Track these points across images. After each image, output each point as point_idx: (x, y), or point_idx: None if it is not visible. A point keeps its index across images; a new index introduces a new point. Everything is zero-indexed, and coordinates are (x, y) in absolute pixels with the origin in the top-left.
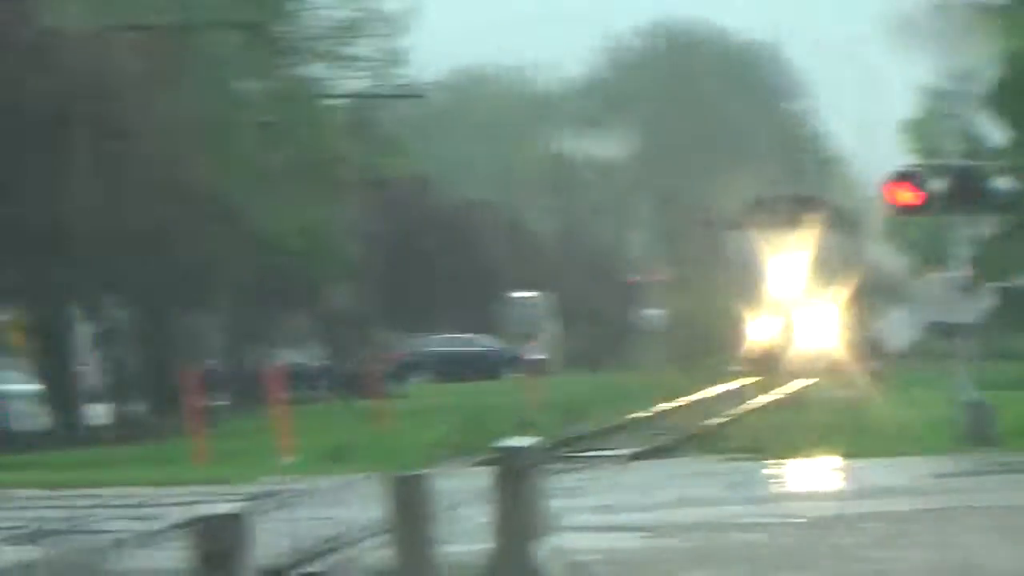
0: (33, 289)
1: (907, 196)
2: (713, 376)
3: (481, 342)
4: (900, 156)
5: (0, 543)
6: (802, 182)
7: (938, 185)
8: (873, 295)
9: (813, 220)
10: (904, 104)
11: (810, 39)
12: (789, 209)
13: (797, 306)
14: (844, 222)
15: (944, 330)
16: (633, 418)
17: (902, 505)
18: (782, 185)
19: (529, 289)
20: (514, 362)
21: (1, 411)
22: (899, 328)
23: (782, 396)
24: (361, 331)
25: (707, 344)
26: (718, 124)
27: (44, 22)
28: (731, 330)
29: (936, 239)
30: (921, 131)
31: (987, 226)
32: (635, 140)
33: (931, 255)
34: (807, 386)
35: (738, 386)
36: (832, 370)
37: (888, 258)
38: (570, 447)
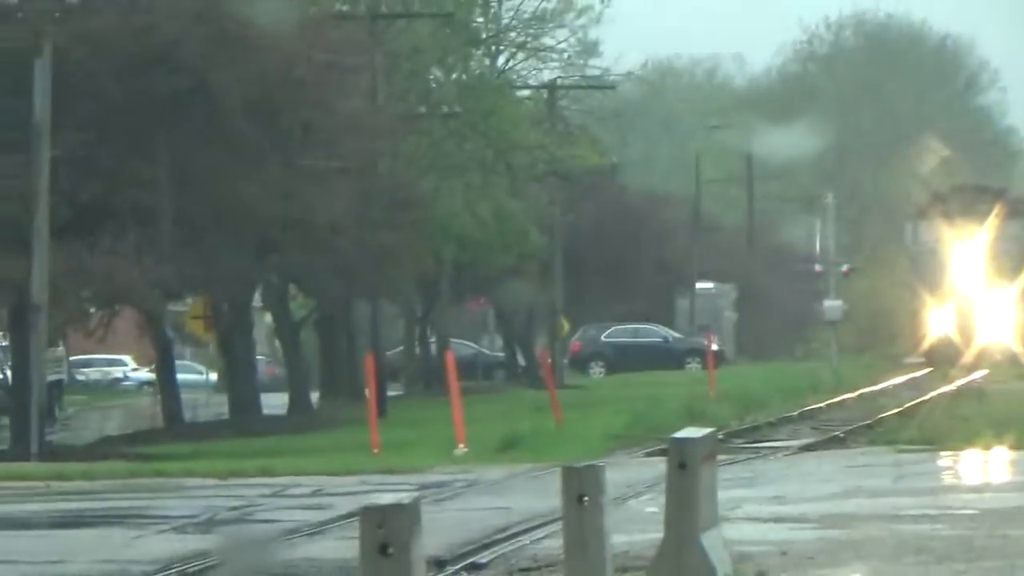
0: (214, 279)
1: None
2: (890, 367)
3: (661, 332)
4: None
5: (172, 532)
6: (990, 174)
7: None
8: None
9: (998, 211)
10: None
11: (1001, 32)
12: (975, 200)
13: (979, 297)
14: None
15: None
16: (806, 409)
17: None
18: (969, 177)
19: (711, 280)
20: (693, 352)
21: (177, 401)
22: None
23: (956, 388)
24: (541, 321)
25: (885, 335)
26: (908, 116)
27: (234, 12)
28: (911, 321)
29: None
30: None
31: None
32: (824, 133)
33: None
34: (982, 377)
35: (913, 377)
36: (1010, 361)
37: None
38: (743, 438)
